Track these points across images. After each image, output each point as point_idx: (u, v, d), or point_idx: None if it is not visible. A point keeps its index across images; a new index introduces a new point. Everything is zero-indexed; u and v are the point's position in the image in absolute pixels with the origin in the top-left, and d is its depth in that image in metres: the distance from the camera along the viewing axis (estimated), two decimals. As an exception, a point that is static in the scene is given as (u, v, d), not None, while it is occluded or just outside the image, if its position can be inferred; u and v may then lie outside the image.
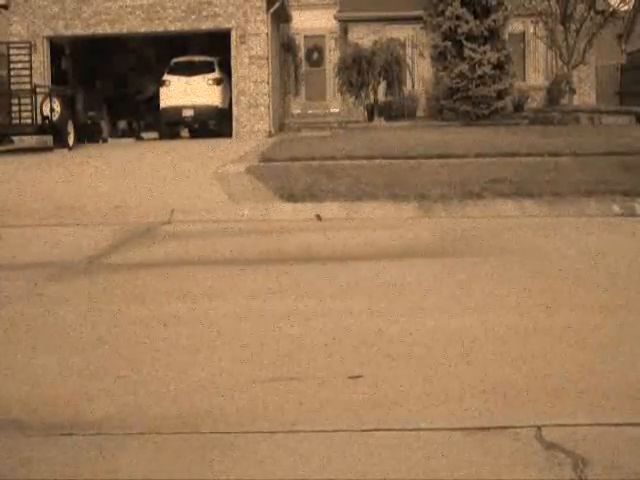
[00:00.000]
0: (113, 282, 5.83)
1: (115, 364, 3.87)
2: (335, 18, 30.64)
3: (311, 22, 31.27)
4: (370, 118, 27.93)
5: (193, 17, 24.66)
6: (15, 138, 23.37)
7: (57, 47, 25.98)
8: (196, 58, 25.64)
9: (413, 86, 29.73)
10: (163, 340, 4.27)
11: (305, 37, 32.19)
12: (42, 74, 24.33)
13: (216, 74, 25.32)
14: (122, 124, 29.19)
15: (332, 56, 31.23)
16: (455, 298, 5.04)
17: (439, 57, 26.87)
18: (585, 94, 30.15)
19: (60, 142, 20.77)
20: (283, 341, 4.19)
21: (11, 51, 20.90)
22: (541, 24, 28.73)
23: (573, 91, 28.07)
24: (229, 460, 2.76)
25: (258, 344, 4.15)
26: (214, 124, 25.74)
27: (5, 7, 24.84)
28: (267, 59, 24.61)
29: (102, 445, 2.91)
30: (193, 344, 4.18)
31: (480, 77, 25.92)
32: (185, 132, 27.01)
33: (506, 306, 4.81)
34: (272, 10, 24.53)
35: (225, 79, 25.43)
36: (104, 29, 24.91)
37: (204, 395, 3.41)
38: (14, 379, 3.70)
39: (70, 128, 20.98)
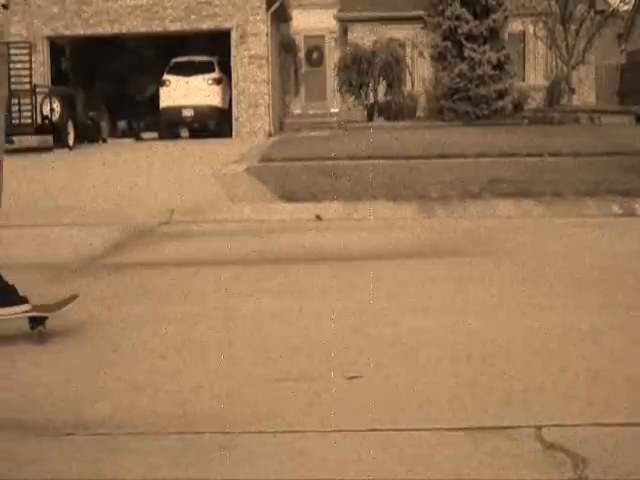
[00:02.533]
0: (112, 283, 5.83)
1: (113, 364, 3.87)
2: (335, 18, 30.65)
3: (311, 22, 31.27)
4: (370, 118, 27.94)
5: (193, 17, 24.66)
6: (15, 138, 23.37)
7: (57, 47, 25.97)
8: (196, 58, 25.62)
9: (413, 86, 29.73)
10: (162, 340, 4.27)
11: (305, 37, 32.20)
12: (42, 74, 24.33)
13: (216, 74, 25.32)
14: (122, 124, 29.19)
15: (332, 56, 31.23)
16: (455, 298, 5.04)
17: (439, 57, 26.89)
18: (585, 94, 30.17)
19: (60, 142, 20.78)
20: (282, 341, 4.19)
21: (11, 51, 20.90)
22: (541, 24, 28.74)
23: (573, 91, 28.09)
24: (229, 460, 2.76)
25: (256, 344, 4.15)
26: (214, 124, 25.73)
27: (5, 7, 24.83)
28: (267, 59, 24.61)
29: (102, 445, 2.91)
30: (192, 344, 4.18)
31: (480, 77, 25.93)
32: (185, 132, 26.99)
33: (507, 307, 4.81)
34: (272, 10, 24.54)
35: (225, 79, 25.42)
36: (104, 29, 24.92)
37: (203, 395, 3.41)
38: (13, 379, 3.71)
39: (70, 128, 20.98)
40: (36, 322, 4.27)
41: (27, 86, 20.49)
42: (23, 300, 4.28)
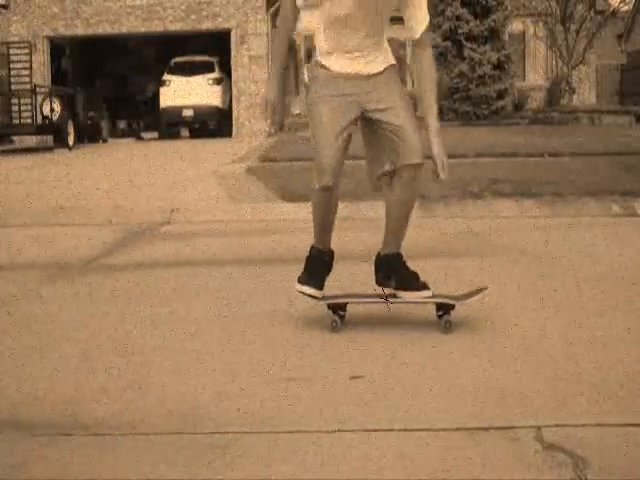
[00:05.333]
0: (111, 283, 5.83)
1: (113, 365, 3.86)
2: (335, 18, 30.64)
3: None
4: (370, 118, 27.93)
5: (193, 17, 24.68)
6: (15, 138, 23.41)
7: (57, 47, 26.00)
8: (196, 58, 25.65)
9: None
10: (161, 340, 4.27)
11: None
12: (42, 74, 24.35)
13: (216, 74, 25.34)
14: (122, 124, 29.22)
15: (332, 56, 31.19)
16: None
17: (439, 57, 26.86)
18: (585, 94, 30.18)
19: (60, 142, 20.80)
20: (282, 342, 4.19)
21: (11, 51, 20.92)
22: (541, 24, 28.75)
23: (573, 91, 28.08)
24: (229, 460, 2.76)
25: (256, 345, 4.15)
26: (214, 124, 25.75)
27: (5, 7, 24.87)
28: (267, 59, 24.61)
29: (102, 445, 2.90)
30: (192, 344, 4.18)
31: (480, 77, 25.93)
32: (185, 132, 27.02)
33: (510, 308, 4.81)
34: (272, 10, 24.55)
35: (225, 79, 25.44)
36: (104, 29, 24.93)
37: (204, 395, 3.41)
38: (13, 379, 3.70)
39: (70, 128, 21.00)
40: (443, 310, 4.27)
41: (27, 86, 20.51)
42: (425, 286, 4.31)
